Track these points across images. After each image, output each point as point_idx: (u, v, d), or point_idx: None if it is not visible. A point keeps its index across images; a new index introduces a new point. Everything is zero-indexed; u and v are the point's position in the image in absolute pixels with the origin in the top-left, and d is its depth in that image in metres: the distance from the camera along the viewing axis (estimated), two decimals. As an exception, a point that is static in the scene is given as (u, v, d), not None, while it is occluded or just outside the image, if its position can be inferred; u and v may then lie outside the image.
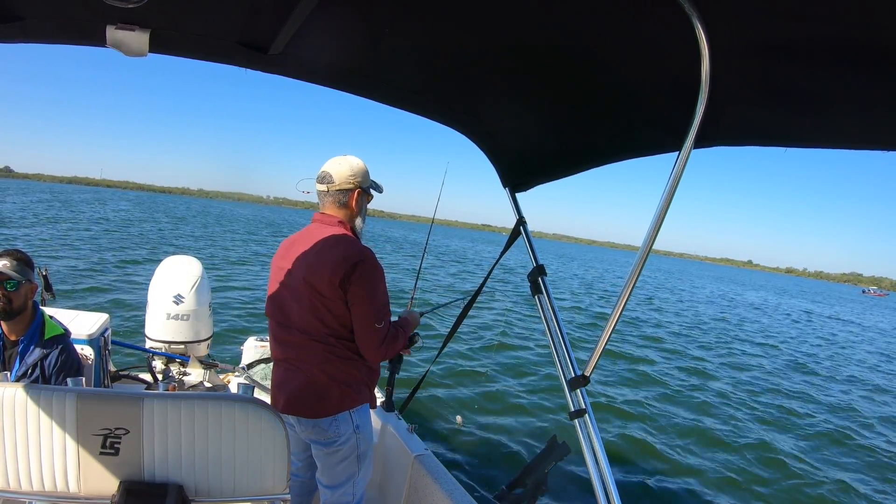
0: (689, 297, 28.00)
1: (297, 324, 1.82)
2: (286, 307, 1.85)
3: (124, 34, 1.29)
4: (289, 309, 1.84)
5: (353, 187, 1.89)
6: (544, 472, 1.49)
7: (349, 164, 1.90)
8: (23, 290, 2.06)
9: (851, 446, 7.01)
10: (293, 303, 1.82)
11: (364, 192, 1.94)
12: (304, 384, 1.81)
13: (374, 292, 1.79)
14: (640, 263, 1.25)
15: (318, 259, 1.79)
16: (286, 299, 1.85)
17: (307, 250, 1.84)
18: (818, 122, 1.14)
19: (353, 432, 1.84)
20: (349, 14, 1.33)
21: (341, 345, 1.80)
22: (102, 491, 1.38)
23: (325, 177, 1.89)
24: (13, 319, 2.06)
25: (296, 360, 1.83)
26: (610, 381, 8.21)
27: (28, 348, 2.08)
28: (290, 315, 1.84)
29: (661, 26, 1.06)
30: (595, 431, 1.40)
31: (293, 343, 1.83)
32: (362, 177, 1.92)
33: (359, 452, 1.87)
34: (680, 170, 1.15)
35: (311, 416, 1.81)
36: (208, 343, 3.89)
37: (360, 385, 1.87)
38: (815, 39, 0.92)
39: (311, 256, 1.81)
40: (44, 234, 18.09)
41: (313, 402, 1.80)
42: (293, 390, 1.82)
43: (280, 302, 1.88)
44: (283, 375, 1.87)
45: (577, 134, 1.69)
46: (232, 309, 9.75)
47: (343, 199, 1.89)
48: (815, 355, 14.25)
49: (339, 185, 1.87)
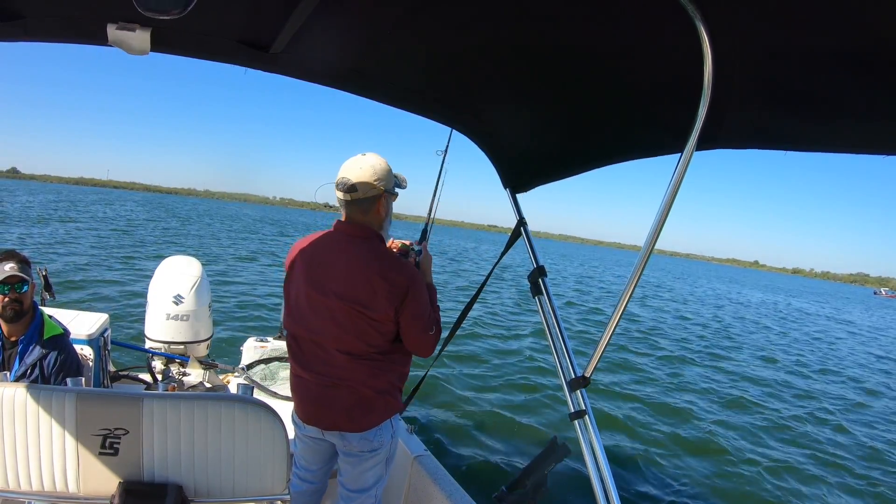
0: (695, 297, 28.01)
1: (336, 344, 1.74)
2: (320, 326, 1.75)
3: (125, 33, 1.29)
4: (324, 328, 1.74)
5: (378, 193, 1.74)
6: (544, 474, 1.48)
7: (372, 168, 1.72)
8: (30, 291, 2.09)
9: (862, 452, 7.00)
10: (330, 323, 1.73)
11: (390, 195, 1.80)
12: (352, 401, 1.75)
13: (424, 305, 1.77)
14: (641, 264, 1.25)
15: (366, 285, 1.68)
16: (321, 318, 1.74)
17: (346, 271, 1.71)
18: (820, 126, 1.14)
19: (390, 439, 1.83)
20: (350, 14, 1.33)
21: (384, 358, 1.77)
22: (102, 491, 1.38)
23: (346, 184, 1.72)
24: (20, 321, 2.07)
25: (336, 378, 1.76)
26: (611, 382, 8.21)
27: (27, 348, 2.08)
28: (326, 334, 1.75)
29: (663, 28, 1.06)
30: (595, 432, 1.40)
31: (333, 362, 1.75)
32: (386, 178, 1.76)
33: (389, 456, 1.87)
34: (682, 172, 1.15)
35: (360, 430, 1.78)
36: (208, 343, 3.89)
37: (397, 391, 1.85)
38: (818, 43, 0.92)
39: (356, 280, 1.70)
40: (44, 234, 18.09)
41: (361, 416, 1.76)
42: (341, 408, 1.76)
43: (311, 320, 1.76)
44: (320, 392, 1.78)
45: (577, 135, 1.69)
46: (233, 309, 9.75)
47: (370, 206, 1.75)
48: (828, 361, 14.23)
49: (362, 193, 1.72)
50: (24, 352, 2.08)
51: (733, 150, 1.27)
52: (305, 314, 1.77)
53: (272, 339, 3.76)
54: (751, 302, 32.26)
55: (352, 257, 1.72)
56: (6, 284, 2.01)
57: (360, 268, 1.70)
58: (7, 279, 2.00)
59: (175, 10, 0.84)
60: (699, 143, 1.12)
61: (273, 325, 7.52)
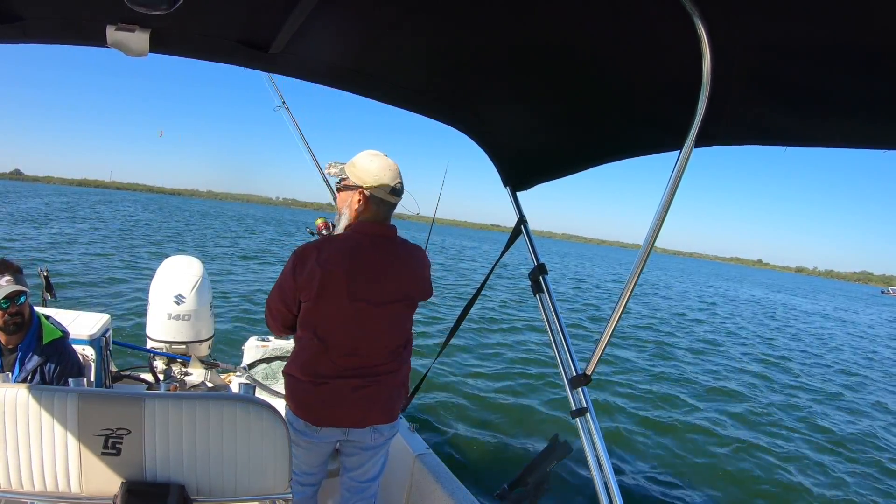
0: (703, 295, 28.00)
1: (381, 343, 1.80)
2: (369, 335, 1.76)
3: (124, 34, 1.29)
4: (372, 333, 1.77)
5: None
6: (546, 472, 1.49)
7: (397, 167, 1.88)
8: (27, 300, 2.06)
9: (861, 450, 7.00)
10: (382, 324, 1.78)
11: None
12: (387, 394, 1.84)
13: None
14: (641, 262, 1.25)
15: (415, 274, 1.83)
16: (370, 326, 1.75)
17: (400, 267, 1.80)
18: (820, 121, 1.14)
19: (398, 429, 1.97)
20: (349, 13, 1.33)
21: (399, 351, 1.86)
22: (104, 491, 1.38)
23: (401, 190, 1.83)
24: (22, 331, 2.05)
25: (375, 376, 1.80)
26: (611, 381, 8.21)
27: (27, 355, 2.06)
28: (373, 339, 1.78)
29: (661, 24, 1.06)
30: (597, 430, 1.40)
31: (373, 363, 1.79)
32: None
33: (388, 449, 1.98)
34: (681, 169, 1.15)
35: (393, 420, 1.88)
36: (209, 343, 3.89)
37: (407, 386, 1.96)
38: (817, 38, 0.92)
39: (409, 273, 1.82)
40: (44, 234, 18.11)
41: (393, 406, 1.87)
42: (380, 403, 1.83)
43: (355, 332, 1.74)
44: (353, 394, 1.78)
45: (577, 133, 1.69)
46: (234, 308, 9.76)
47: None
48: (841, 362, 14.21)
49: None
50: (24, 358, 2.06)
51: (734, 148, 1.27)
52: (349, 328, 1.72)
53: (273, 338, 3.76)
54: (755, 300, 32.23)
55: (402, 257, 1.82)
56: (7, 300, 1.98)
57: (406, 259, 1.83)
58: (8, 295, 1.97)
59: (162, 6, 0.84)
60: (698, 140, 1.12)
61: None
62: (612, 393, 7.56)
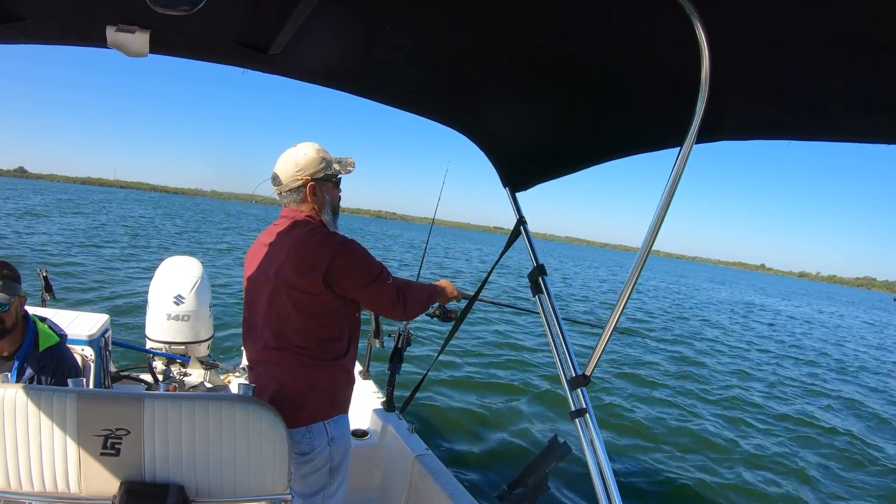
0: (714, 301, 28.00)
1: (268, 327, 1.70)
2: (256, 311, 1.74)
3: (124, 35, 1.29)
4: (258, 313, 1.73)
5: (302, 183, 1.74)
6: (545, 472, 1.49)
7: (293, 158, 1.75)
8: (13, 309, 1.98)
9: (865, 459, 7.00)
10: (264, 306, 1.71)
11: (322, 182, 1.77)
12: (276, 392, 1.67)
13: (361, 261, 1.69)
14: (640, 262, 1.25)
15: (294, 257, 1.64)
16: (257, 303, 1.73)
17: (277, 249, 1.71)
18: (819, 115, 1.14)
19: (328, 444, 1.71)
20: (349, 14, 1.33)
21: (320, 347, 1.68)
22: (103, 491, 1.38)
23: (273, 178, 1.77)
24: (6, 338, 1.99)
25: (268, 366, 1.71)
26: (611, 381, 8.21)
27: (24, 363, 2.03)
28: (258, 318, 1.73)
29: (659, 22, 1.06)
30: (596, 431, 1.40)
31: (263, 348, 1.71)
32: (313, 166, 1.74)
33: (332, 465, 1.73)
34: (682, 165, 1.15)
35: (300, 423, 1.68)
36: (209, 343, 3.89)
37: (338, 393, 1.75)
38: (815, 34, 0.92)
39: (283, 255, 1.67)
40: (44, 234, 18.10)
41: (286, 411, 1.58)
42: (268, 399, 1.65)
43: (251, 306, 1.77)
44: (256, 381, 1.72)
45: (576, 132, 1.69)
46: (233, 309, 9.75)
47: (297, 197, 1.76)
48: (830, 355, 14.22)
49: (287, 184, 1.75)
50: (22, 365, 2.02)
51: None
52: (247, 300, 1.79)
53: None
54: (755, 304, 32.21)
55: (284, 236, 1.72)
56: None
57: (289, 243, 1.68)
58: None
59: (185, 7, 0.84)
60: (699, 136, 1.12)
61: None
62: (612, 394, 7.56)
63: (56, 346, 2.13)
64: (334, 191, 1.82)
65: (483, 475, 4.67)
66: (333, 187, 1.81)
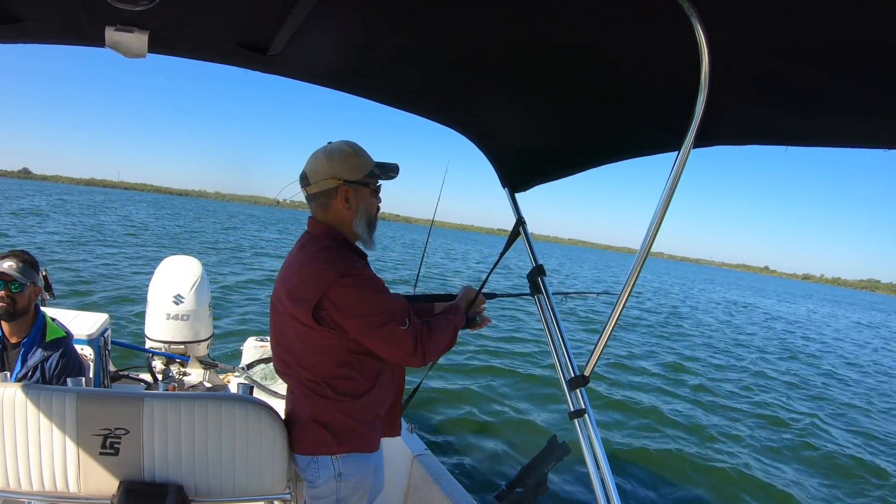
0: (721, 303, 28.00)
1: (278, 351, 1.59)
2: (272, 331, 1.62)
3: (123, 35, 1.29)
4: (273, 334, 1.61)
5: (335, 185, 1.49)
6: (544, 472, 1.49)
7: (326, 156, 1.50)
8: (27, 292, 2.06)
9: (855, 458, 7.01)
10: (275, 329, 1.58)
11: (357, 187, 1.51)
12: (288, 414, 1.59)
13: (363, 300, 1.44)
14: (639, 263, 1.25)
15: (296, 285, 1.47)
16: (273, 324, 1.60)
17: (288, 270, 1.54)
18: (818, 120, 1.14)
19: (334, 478, 1.53)
20: (347, 15, 1.33)
21: (325, 384, 1.49)
22: (102, 491, 1.38)
23: (301, 178, 1.54)
24: (16, 321, 2.06)
25: (290, 387, 1.61)
26: (610, 381, 8.21)
27: (30, 350, 2.08)
28: (274, 338, 1.62)
29: (660, 26, 1.06)
30: (595, 431, 1.40)
31: (280, 371, 1.61)
32: (347, 167, 1.50)
33: (338, 497, 1.55)
34: (679, 169, 1.16)
35: (298, 451, 1.55)
36: (208, 343, 3.90)
37: (349, 432, 1.53)
38: (814, 37, 0.92)
39: (291, 281, 1.50)
40: (45, 234, 18.09)
41: (291, 435, 1.54)
42: (284, 418, 1.59)
43: (272, 328, 1.62)
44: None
45: (576, 134, 1.69)
46: (233, 309, 9.75)
47: (326, 201, 1.52)
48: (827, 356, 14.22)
49: (315, 186, 1.51)
50: (27, 354, 2.07)
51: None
52: (271, 321, 1.61)
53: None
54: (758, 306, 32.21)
55: (297, 257, 1.52)
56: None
57: (296, 268, 1.50)
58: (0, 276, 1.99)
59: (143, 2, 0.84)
60: (697, 140, 1.12)
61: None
62: (611, 394, 7.56)
63: (62, 339, 2.18)
64: (371, 199, 1.56)
65: (482, 475, 4.68)
66: (371, 195, 1.56)
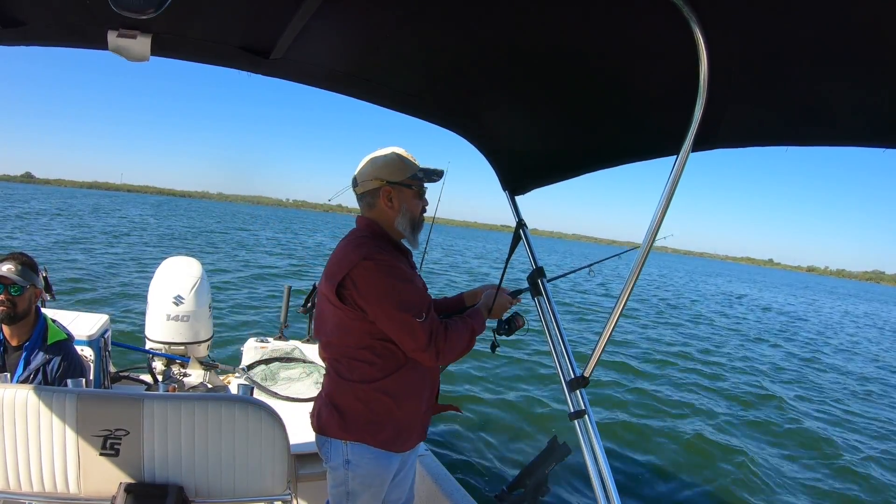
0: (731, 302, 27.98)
1: (321, 334, 1.73)
2: (317, 320, 1.77)
3: (126, 39, 1.29)
4: (318, 321, 1.76)
5: (378, 186, 1.64)
6: (545, 473, 1.49)
7: (371, 160, 1.67)
8: (27, 295, 2.05)
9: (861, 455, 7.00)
10: (319, 313, 1.74)
11: (398, 188, 1.64)
12: (318, 396, 1.75)
13: (384, 286, 1.54)
14: (639, 264, 1.25)
15: (330, 265, 1.63)
16: (318, 312, 1.76)
17: (330, 258, 1.68)
18: (816, 121, 1.15)
19: (343, 465, 1.62)
20: (349, 19, 1.34)
21: (346, 364, 1.62)
22: (103, 492, 1.38)
23: (353, 180, 1.71)
24: (17, 324, 2.05)
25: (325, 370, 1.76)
26: (610, 382, 8.21)
27: (32, 353, 2.07)
28: (318, 326, 1.76)
29: (659, 30, 1.06)
30: (595, 432, 1.40)
31: (321, 356, 1.75)
32: (389, 169, 1.64)
33: (348, 489, 1.64)
34: (678, 172, 1.16)
35: (313, 427, 1.70)
36: (208, 344, 3.90)
37: (358, 417, 1.61)
38: (812, 40, 0.93)
39: (329, 264, 1.65)
40: (45, 234, 18.09)
41: (314, 413, 1.71)
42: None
43: (317, 314, 1.79)
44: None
45: (575, 138, 1.70)
46: (233, 309, 9.75)
47: (371, 200, 1.67)
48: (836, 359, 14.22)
49: (362, 186, 1.67)
50: (29, 357, 2.06)
51: (743, 149, 1.27)
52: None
53: (272, 339, 3.77)
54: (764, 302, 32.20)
55: (337, 247, 1.67)
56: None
57: (333, 254, 1.65)
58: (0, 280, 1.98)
59: (150, 10, 0.84)
60: (696, 144, 1.12)
61: (273, 326, 7.52)
62: (611, 394, 7.56)
63: (64, 342, 2.17)
64: (414, 200, 1.68)
65: (482, 475, 4.68)
66: (414, 196, 1.68)
